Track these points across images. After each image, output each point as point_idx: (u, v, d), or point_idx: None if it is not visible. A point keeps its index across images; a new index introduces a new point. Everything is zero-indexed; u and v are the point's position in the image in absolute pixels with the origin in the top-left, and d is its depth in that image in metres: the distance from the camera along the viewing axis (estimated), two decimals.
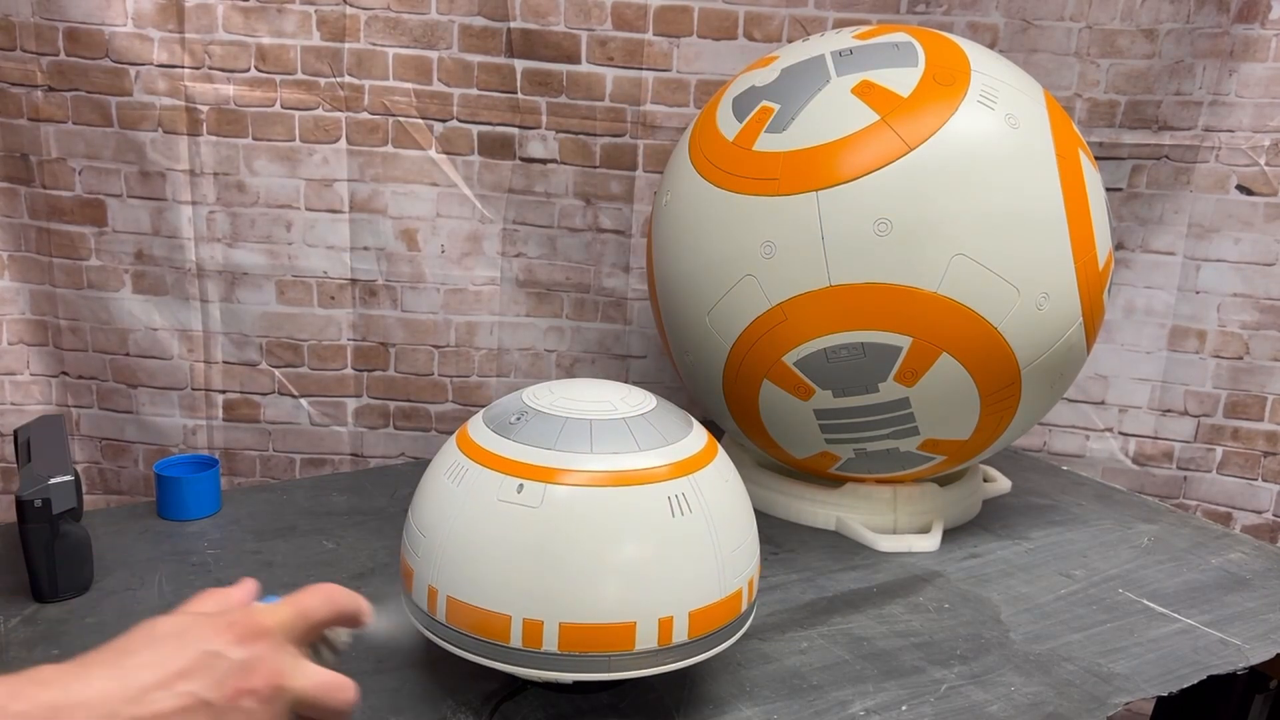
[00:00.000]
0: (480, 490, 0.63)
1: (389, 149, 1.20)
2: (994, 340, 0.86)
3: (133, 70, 1.13)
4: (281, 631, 0.44)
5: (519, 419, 0.66)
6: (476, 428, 0.68)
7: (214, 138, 1.16)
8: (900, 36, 0.92)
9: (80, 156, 1.16)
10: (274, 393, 1.26)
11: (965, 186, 0.83)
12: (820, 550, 0.97)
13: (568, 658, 0.61)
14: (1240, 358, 1.23)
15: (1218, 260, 1.22)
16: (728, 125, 0.93)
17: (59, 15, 1.10)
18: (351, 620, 0.49)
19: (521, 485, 0.62)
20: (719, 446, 0.70)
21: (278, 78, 1.16)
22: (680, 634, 0.62)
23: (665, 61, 1.20)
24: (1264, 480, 1.25)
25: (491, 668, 0.63)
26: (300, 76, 1.16)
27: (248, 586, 0.49)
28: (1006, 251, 0.84)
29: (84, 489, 0.96)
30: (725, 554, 0.64)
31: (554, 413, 0.66)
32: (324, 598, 0.47)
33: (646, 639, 0.61)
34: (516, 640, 0.61)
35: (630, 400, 0.69)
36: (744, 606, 0.66)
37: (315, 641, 0.48)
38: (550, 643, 0.61)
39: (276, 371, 1.25)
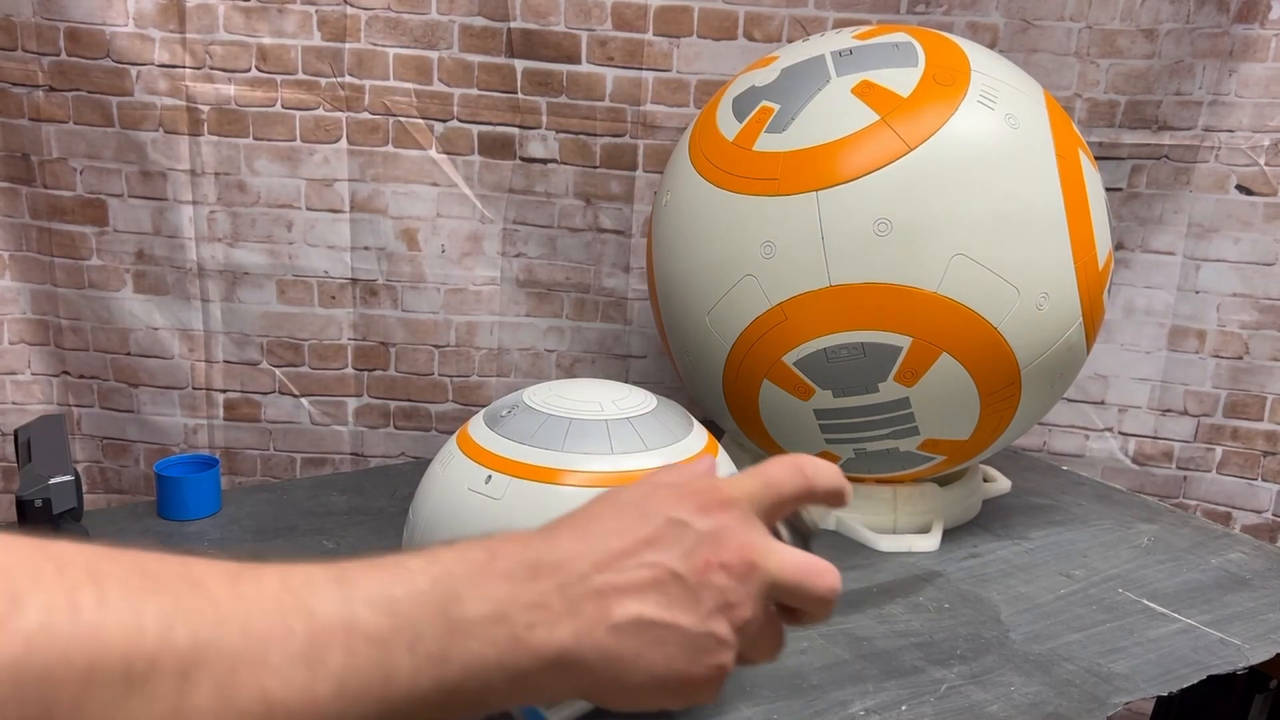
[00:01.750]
0: (457, 477, 0.65)
1: (389, 149, 1.20)
2: (994, 340, 0.86)
3: (134, 70, 1.13)
4: (749, 503, 0.39)
5: (509, 413, 0.67)
6: (476, 420, 0.70)
7: (215, 138, 1.16)
8: (900, 36, 0.92)
9: (81, 156, 1.16)
10: (274, 392, 1.26)
11: (965, 187, 0.83)
12: (820, 550, 0.96)
13: None
14: (1240, 357, 1.23)
15: (1217, 260, 1.22)
16: (728, 125, 0.93)
17: (60, 15, 1.11)
18: (829, 497, 0.42)
19: (490, 476, 0.63)
20: (717, 457, 0.69)
21: (278, 78, 1.16)
22: None
23: (665, 61, 1.20)
24: (1264, 480, 1.25)
25: None
26: (301, 76, 1.16)
27: (708, 461, 0.44)
28: (1006, 251, 0.84)
29: (84, 488, 0.96)
30: None
31: (541, 409, 0.67)
32: (793, 469, 0.41)
33: None
34: None
35: (625, 403, 0.68)
36: None
37: (785, 522, 0.42)
38: None
39: (277, 371, 1.25)
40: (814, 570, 0.39)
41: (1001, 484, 1.14)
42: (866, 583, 0.90)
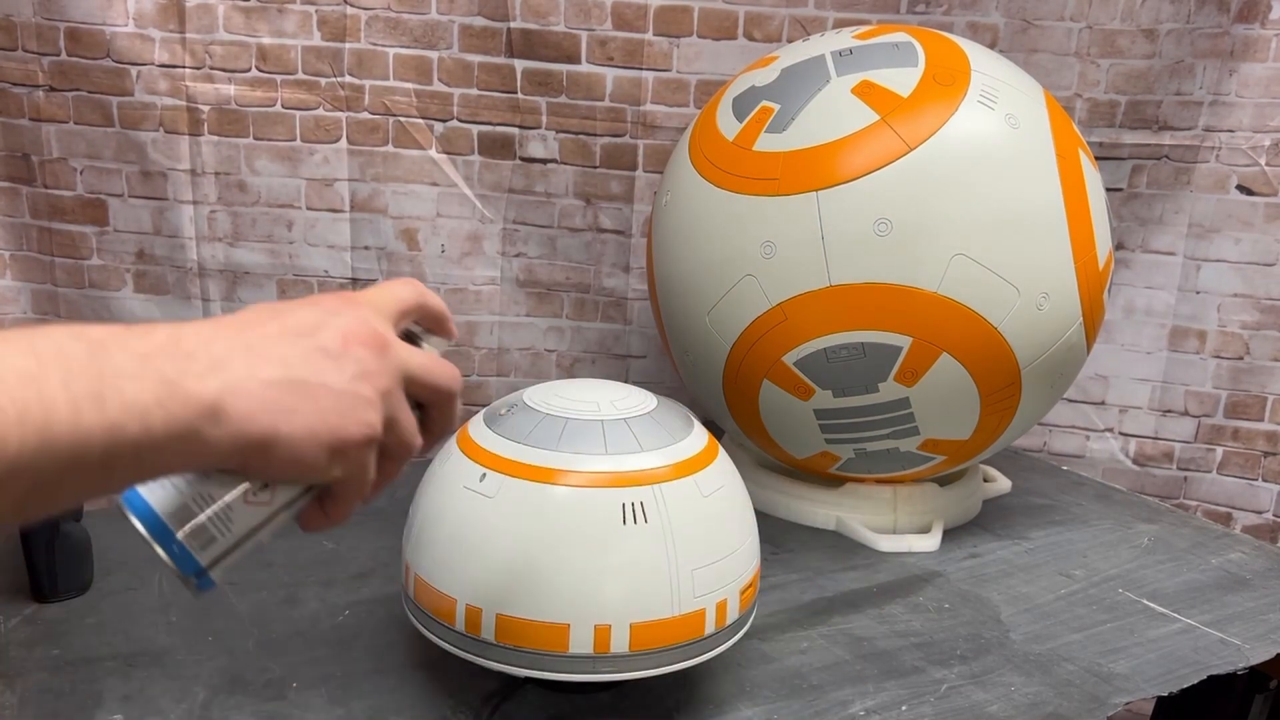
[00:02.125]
0: (453, 474, 0.65)
1: (389, 149, 1.20)
2: (994, 340, 0.86)
3: (134, 70, 1.13)
4: (373, 306, 0.43)
5: (508, 411, 0.68)
6: (476, 418, 0.70)
7: (215, 137, 1.17)
8: (900, 36, 0.92)
9: (81, 156, 1.16)
10: None
11: (965, 186, 0.83)
12: (820, 550, 0.97)
13: (503, 649, 0.61)
14: (1240, 358, 1.23)
15: (1218, 260, 1.22)
16: (728, 125, 0.93)
17: (60, 15, 1.11)
18: (438, 322, 0.48)
19: (484, 474, 0.63)
20: (715, 460, 0.68)
21: (278, 78, 1.16)
22: (620, 645, 0.61)
23: (665, 61, 1.20)
24: (1264, 480, 1.25)
25: (447, 649, 0.64)
26: (301, 76, 1.16)
27: None
28: (1006, 251, 0.84)
29: None
30: (685, 570, 0.62)
31: (538, 409, 0.67)
32: (410, 284, 0.46)
33: (581, 644, 0.61)
34: (460, 624, 0.62)
35: (625, 403, 0.68)
36: (709, 629, 0.64)
37: (403, 335, 0.46)
38: (488, 632, 0.61)
39: None
40: (439, 363, 0.44)
41: (1001, 484, 1.14)
42: (866, 583, 0.90)
